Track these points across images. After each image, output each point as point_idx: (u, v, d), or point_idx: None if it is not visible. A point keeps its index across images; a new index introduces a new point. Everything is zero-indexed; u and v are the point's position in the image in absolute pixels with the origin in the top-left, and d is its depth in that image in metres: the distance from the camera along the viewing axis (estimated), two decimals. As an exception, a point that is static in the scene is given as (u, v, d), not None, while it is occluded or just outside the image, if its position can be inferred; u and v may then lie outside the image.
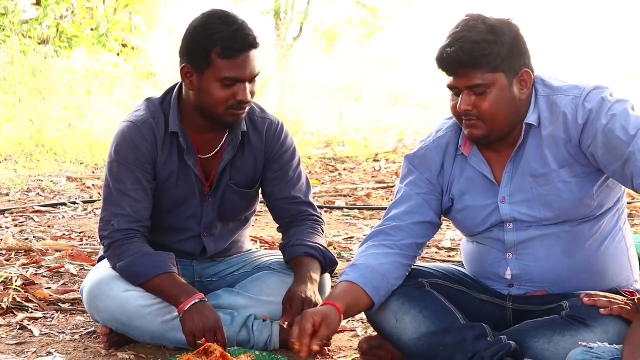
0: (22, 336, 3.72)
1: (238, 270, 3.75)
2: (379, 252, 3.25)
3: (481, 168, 3.23)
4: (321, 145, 11.45)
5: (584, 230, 3.20)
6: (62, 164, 9.12)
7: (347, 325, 3.94)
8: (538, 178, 3.16)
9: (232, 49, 3.32)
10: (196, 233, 3.67)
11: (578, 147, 3.09)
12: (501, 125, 3.11)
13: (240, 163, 3.62)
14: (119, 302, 3.43)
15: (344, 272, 3.22)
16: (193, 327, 3.27)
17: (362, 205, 7.30)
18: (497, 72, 3.05)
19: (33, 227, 6.03)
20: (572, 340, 3.00)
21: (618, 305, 3.08)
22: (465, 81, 3.05)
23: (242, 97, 3.37)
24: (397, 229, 3.29)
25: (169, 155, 3.54)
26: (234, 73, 3.34)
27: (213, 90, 3.37)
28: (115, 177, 3.52)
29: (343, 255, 5.34)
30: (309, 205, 3.73)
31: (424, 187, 3.32)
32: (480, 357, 3.05)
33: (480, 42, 3.01)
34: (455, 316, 3.21)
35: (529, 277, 3.24)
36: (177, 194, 3.58)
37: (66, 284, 4.53)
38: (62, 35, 13.56)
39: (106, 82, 12.35)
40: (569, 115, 3.08)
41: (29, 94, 11.09)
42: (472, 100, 3.06)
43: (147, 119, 3.53)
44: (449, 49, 3.04)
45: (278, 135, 3.66)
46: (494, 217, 3.24)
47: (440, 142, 3.32)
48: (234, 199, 3.64)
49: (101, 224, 3.54)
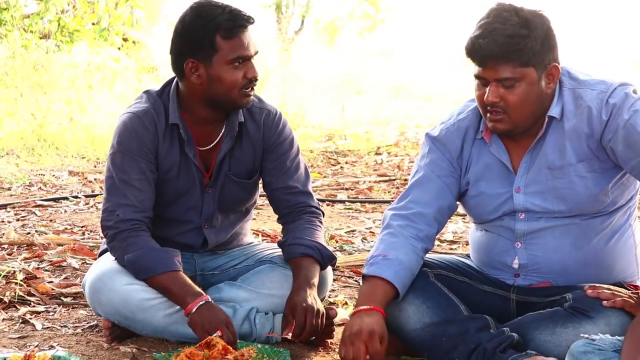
0: (24, 330, 3.72)
1: (240, 264, 3.75)
2: (407, 246, 3.23)
3: (500, 156, 3.23)
4: (323, 138, 11.44)
5: (595, 225, 3.20)
6: (63, 158, 9.12)
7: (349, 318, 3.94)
8: (554, 171, 3.15)
9: (235, 26, 3.36)
10: (197, 225, 3.67)
11: (599, 142, 3.09)
12: (526, 119, 3.10)
13: (238, 153, 3.62)
14: (122, 296, 3.43)
15: (376, 261, 3.19)
16: (205, 325, 3.28)
17: (363, 199, 7.29)
18: (528, 67, 3.03)
19: (35, 221, 6.03)
20: (575, 332, 3.00)
21: (621, 298, 3.08)
22: (495, 73, 3.03)
23: (252, 74, 3.41)
24: (421, 217, 3.27)
25: (170, 147, 3.54)
26: (241, 51, 3.38)
27: (225, 75, 3.40)
28: (118, 167, 3.51)
29: (345, 248, 5.33)
30: (308, 196, 3.73)
31: (444, 168, 3.31)
32: (482, 348, 3.05)
33: (514, 37, 2.99)
34: (458, 307, 3.21)
35: (536, 267, 3.25)
36: (178, 185, 3.58)
37: (68, 277, 4.53)
38: (64, 30, 13.56)
39: (107, 77, 12.35)
40: (594, 110, 3.08)
41: (30, 88, 11.09)
42: (500, 92, 3.05)
43: (148, 109, 3.53)
44: (481, 40, 3.01)
45: (276, 124, 3.66)
46: (507, 205, 3.24)
47: (460, 125, 3.31)
48: (234, 189, 3.64)
49: (104, 215, 3.53)
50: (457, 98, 16.81)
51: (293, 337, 3.35)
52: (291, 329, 3.34)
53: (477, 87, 3.12)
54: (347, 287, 4.51)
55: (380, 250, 3.23)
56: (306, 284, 3.44)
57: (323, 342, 3.52)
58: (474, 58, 3.07)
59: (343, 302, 4.18)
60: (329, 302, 4.17)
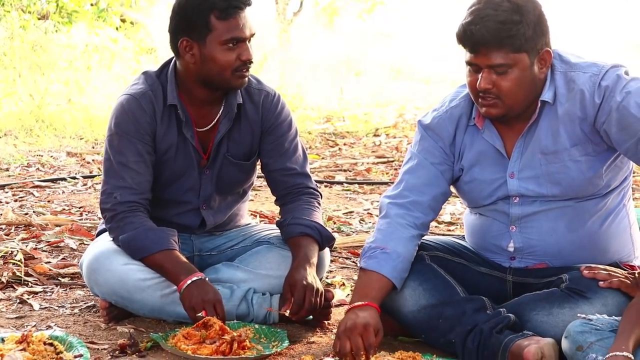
0: (21, 310, 3.72)
1: (237, 244, 3.75)
2: (404, 235, 3.23)
3: (494, 141, 3.21)
4: (321, 120, 11.42)
5: (589, 207, 3.20)
6: (61, 139, 9.11)
7: (347, 299, 3.94)
8: (548, 155, 3.14)
9: (230, 7, 3.35)
10: (195, 206, 3.67)
11: (592, 126, 3.08)
12: (519, 104, 3.09)
13: (236, 135, 3.61)
14: (119, 276, 3.43)
15: (374, 255, 3.19)
16: (192, 301, 3.29)
17: (361, 180, 7.29)
18: (521, 53, 3.01)
19: (33, 202, 6.03)
20: (571, 313, 3.01)
21: (617, 279, 3.08)
22: (487, 60, 3.01)
23: (246, 56, 3.40)
24: (416, 205, 3.27)
25: (167, 128, 3.53)
26: (235, 32, 3.37)
27: (218, 55, 3.39)
28: (116, 150, 3.51)
29: (343, 229, 5.34)
30: (305, 177, 3.73)
31: (437, 156, 3.30)
32: (479, 329, 3.06)
33: (507, 23, 2.97)
34: (454, 289, 3.21)
35: (531, 250, 3.25)
36: (176, 166, 3.58)
37: (66, 258, 4.54)
38: (62, 10, 13.52)
39: (106, 57, 12.31)
40: (586, 92, 3.06)
41: (28, 69, 11.06)
42: (493, 78, 3.03)
43: (146, 91, 3.52)
44: (473, 26, 2.99)
45: (274, 106, 3.65)
46: (501, 190, 3.23)
47: (453, 113, 3.29)
48: (231, 171, 3.64)
49: (103, 197, 3.54)
50: (456, 80, 16.78)
51: (290, 315, 3.36)
52: (289, 306, 3.35)
53: (468, 73, 3.10)
54: (345, 268, 4.51)
55: (378, 242, 3.23)
56: (306, 262, 3.45)
57: (320, 323, 3.52)
58: (465, 44, 3.05)
59: (340, 283, 4.19)
60: (327, 283, 4.18)
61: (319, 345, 3.37)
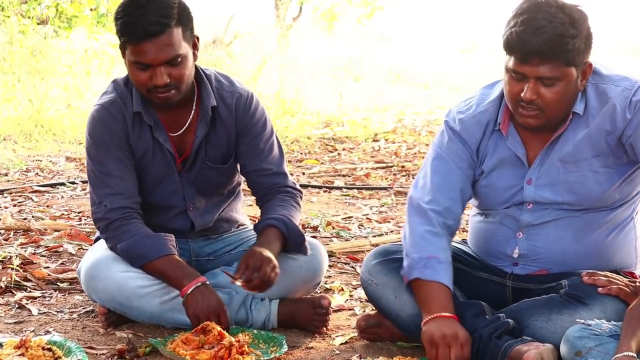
0: (20, 315, 3.72)
1: (235, 249, 3.74)
2: (447, 242, 3.21)
3: (516, 150, 3.18)
4: (320, 125, 11.41)
5: (598, 218, 3.19)
6: (60, 144, 9.10)
7: (346, 305, 3.94)
8: (568, 164, 3.13)
9: (132, 36, 3.30)
10: (182, 209, 3.66)
11: (618, 139, 3.06)
12: (558, 116, 3.06)
13: (213, 139, 3.60)
14: (117, 283, 3.43)
15: (430, 265, 3.14)
16: (197, 310, 3.29)
17: (360, 185, 7.28)
18: (570, 67, 2.96)
19: (32, 207, 6.02)
20: (570, 319, 3.01)
21: (617, 286, 3.08)
22: (537, 71, 2.95)
23: (155, 82, 3.33)
24: (451, 213, 3.23)
25: (140, 133, 3.53)
26: (141, 58, 3.32)
27: (132, 72, 3.38)
28: (96, 160, 3.52)
29: (341, 234, 5.33)
30: (282, 176, 3.70)
31: (465, 159, 3.25)
32: (478, 334, 3.05)
33: (565, 36, 2.90)
34: (454, 293, 3.21)
35: (536, 257, 3.24)
36: (155, 171, 3.58)
37: (64, 263, 4.53)
38: (62, 15, 13.51)
39: (105, 63, 12.30)
40: (618, 107, 3.04)
41: (28, 74, 11.05)
42: (539, 90, 2.97)
43: (115, 99, 3.52)
44: (529, 36, 2.91)
45: (247, 107, 3.62)
46: (517, 197, 3.22)
47: (481, 118, 3.23)
48: (211, 174, 3.63)
49: (93, 208, 3.54)
50: (455, 85, 16.80)
51: (244, 282, 3.33)
52: (242, 274, 3.32)
53: (510, 80, 3.03)
54: (344, 274, 4.51)
55: (430, 252, 3.17)
56: (264, 245, 3.42)
57: (319, 330, 3.52)
58: (515, 52, 2.97)
59: (339, 288, 4.18)
60: (325, 288, 4.18)
61: (317, 350, 3.37)
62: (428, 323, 3.06)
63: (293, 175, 7.60)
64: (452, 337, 3.00)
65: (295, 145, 9.48)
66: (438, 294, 3.12)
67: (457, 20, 26.11)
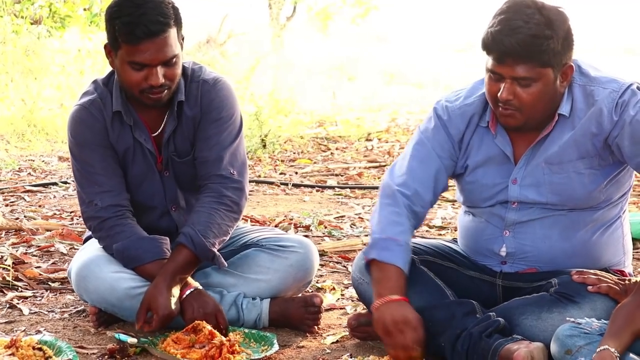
0: (11, 315, 3.72)
1: (225, 248, 3.73)
2: (409, 226, 3.22)
3: (505, 148, 3.20)
4: (314, 124, 11.41)
5: (584, 216, 3.20)
6: (53, 143, 9.10)
7: (337, 304, 3.94)
8: (553, 165, 3.14)
9: (133, 35, 3.25)
10: (164, 209, 3.64)
11: (604, 141, 3.07)
12: (537, 117, 3.07)
13: (179, 134, 3.54)
14: (109, 284, 3.42)
15: (388, 246, 3.16)
16: (194, 314, 3.30)
17: (353, 185, 7.29)
18: (547, 67, 2.98)
19: (24, 207, 6.02)
20: (560, 317, 3.01)
21: (606, 284, 3.09)
22: (513, 71, 2.98)
23: (151, 82, 3.31)
24: (419, 198, 3.25)
25: (120, 133, 3.51)
26: (139, 58, 3.28)
27: (125, 72, 3.33)
28: (80, 160, 3.51)
29: (334, 233, 5.33)
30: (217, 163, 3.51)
31: (445, 149, 3.27)
32: (468, 333, 3.06)
33: (539, 37, 2.93)
34: (444, 292, 3.22)
35: (523, 255, 3.25)
36: (136, 171, 3.56)
37: (56, 263, 4.53)
38: (55, 15, 13.51)
39: (99, 62, 12.29)
40: (604, 109, 3.05)
41: (21, 74, 11.05)
42: (515, 90, 3.00)
43: (95, 99, 3.51)
44: (503, 36, 2.94)
45: (210, 91, 3.52)
46: (502, 195, 3.23)
47: (466, 110, 3.25)
48: (184, 169, 3.58)
49: (83, 207, 3.53)
50: (449, 84, 16.80)
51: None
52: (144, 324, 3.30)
53: (489, 80, 3.06)
54: (335, 273, 4.51)
55: (390, 233, 3.19)
56: (166, 277, 3.33)
57: (310, 328, 3.52)
58: (491, 52, 3.00)
59: (331, 287, 4.18)
60: (317, 287, 4.18)
61: (308, 349, 3.37)
62: (378, 309, 3.09)
63: (286, 175, 7.64)
64: (403, 322, 3.03)
65: (289, 145, 9.48)
66: (391, 275, 3.15)
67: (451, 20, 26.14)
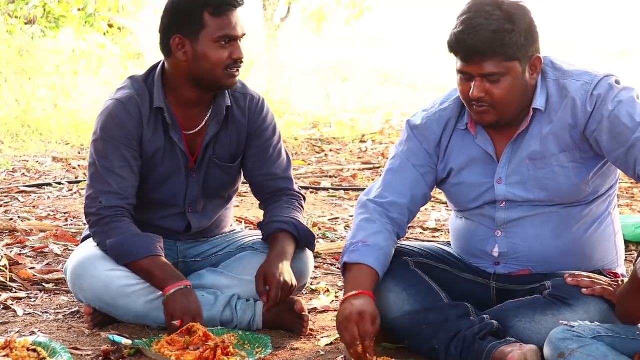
0: (5, 316, 3.71)
1: (221, 251, 3.75)
2: (384, 232, 3.25)
3: (486, 147, 3.23)
4: (308, 126, 11.40)
5: (574, 213, 3.21)
6: (47, 144, 9.07)
7: (331, 306, 3.95)
8: (536, 161, 3.16)
9: (224, 4, 3.39)
10: (181, 209, 3.67)
11: (582, 133, 3.10)
12: (511, 111, 3.11)
13: (224, 138, 3.62)
14: (103, 282, 3.44)
15: (357, 248, 3.21)
16: (174, 308, 3.31)
17: (347, 186, 7.29)
18: (513, 61, 3.03)
19: (18, 207, 6.01)
20: (554, 320, 3.02)
21: (601, 286, 3.10)
22: (480, 69, 3.03)
23: (237, 55, 3.44)
24: (395, 206, 3.29)
25: (154, 131, 3.54)
26: (228, 30, 3.41)
27: (210, 52, 3.42)
28: (101, 155, 3.52)
29: (328, 235, 5.34)
30: (288, 181, 3.74)
31: (421, 158, 3.31)
32: (462, 335, 3.07)
33: (499, 32, 2.98)
34: (438, 295, 3.23)
35: (516, 255, 3.26)
36: (163, 170, 3.59)
37: (50, 264, 4.52)
38: (49, 15, 13.48)
39: (93, 63, 12.28)
40: (578, 101, 3.08)
41: (15, 74, 11.03)
42: (486, 87, 3.05)
43: (133, 96, 3.53)
44: (465, 35, 3.00)
45: (260, 110, 3.67)
46: (488, 195, 3.25)
47: (442, 115, 3.30)
48: (217, 173, 3.64)
49: (87, 202, 3.54)
50: (444, 86, 16.80)
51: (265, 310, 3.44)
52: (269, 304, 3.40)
53: (460, 81, 3.11)
54: (329, 275, 4.51)
55: (359, 237, 3.24)
56: (281, 256, 3.47)
57: (304, 330, 3.52)
58: (457, 53, 3.06)
59: (325, 289, 4.19)
60: (311, 289, 4.18)
61: (302, 351, 3.37)
62: (340, 305, 3.14)
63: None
64: (358, 314, 3.05)
65: (283, 146, 9.46)
66: (358, 274, 3.18)
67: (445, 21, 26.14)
